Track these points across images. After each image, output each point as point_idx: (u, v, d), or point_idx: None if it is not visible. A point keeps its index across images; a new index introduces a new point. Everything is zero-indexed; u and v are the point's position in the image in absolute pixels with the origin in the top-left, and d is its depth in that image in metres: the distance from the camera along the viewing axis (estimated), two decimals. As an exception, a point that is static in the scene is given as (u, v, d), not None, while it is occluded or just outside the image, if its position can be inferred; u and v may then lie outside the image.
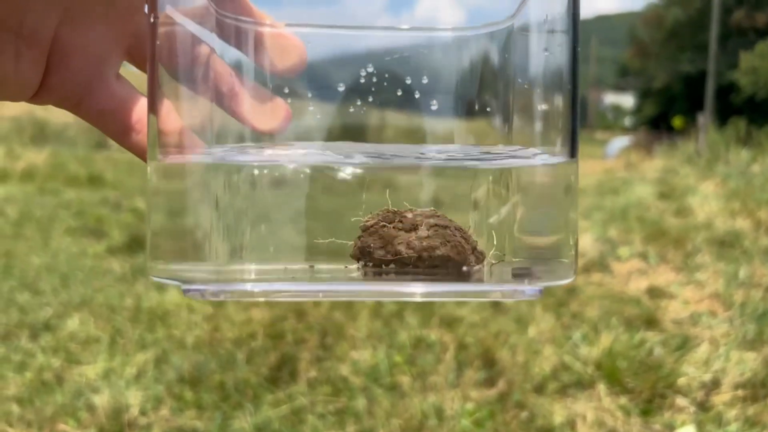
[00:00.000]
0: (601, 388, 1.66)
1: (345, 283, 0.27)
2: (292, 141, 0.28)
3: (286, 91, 0.27)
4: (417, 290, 0.26)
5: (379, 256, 0.27)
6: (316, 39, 0.27)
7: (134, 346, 1.91)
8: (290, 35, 0.27)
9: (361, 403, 1.57)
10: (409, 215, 0.27)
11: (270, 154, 0.27)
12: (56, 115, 6.43)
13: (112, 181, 4.41)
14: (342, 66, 0.28)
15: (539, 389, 1.67)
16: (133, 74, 0.31)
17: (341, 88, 0.27)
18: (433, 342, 1.89)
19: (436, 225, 0.27)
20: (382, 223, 0.27)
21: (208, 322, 2.02)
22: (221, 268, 0.26)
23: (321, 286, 0.27)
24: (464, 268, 0.27)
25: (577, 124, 0.28)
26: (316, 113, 0.27)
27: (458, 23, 0.28)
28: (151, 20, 0.25)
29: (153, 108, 0.26)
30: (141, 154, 0.29)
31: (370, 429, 1.47)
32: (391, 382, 1.67)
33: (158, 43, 0.25)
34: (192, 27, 0.25)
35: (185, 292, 0.25)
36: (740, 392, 1.66)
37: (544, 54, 0.27)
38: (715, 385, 1.71)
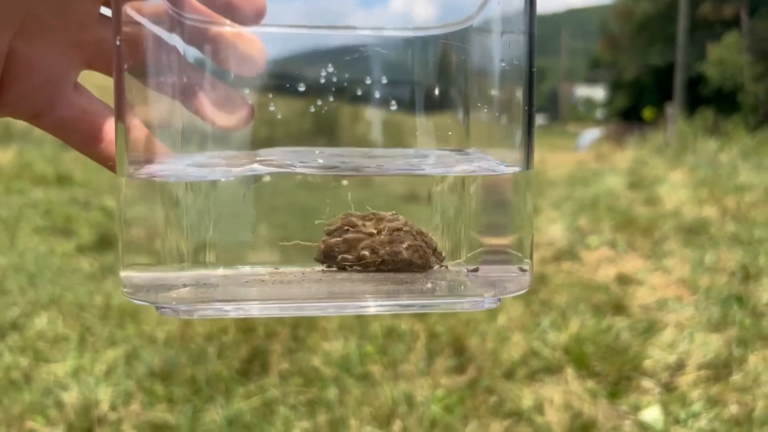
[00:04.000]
0: (569, 372, 1.69)
1: (310, 288, 0.27)
2: (252, 143, 0.28)
3: (247, 91, 0.27)
4: (379, 305, 0.27)
5: (344, 260, 0.27)
6: (275, 38, 0.27)
7: (104, 344, 1.89)
8: (249, 34, 0.27)
9: (332, 392, 1.58)
10: (372, 219, 0.27)
11: (236, 165, 0.27)
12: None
13: (80, 180, 4.36)
14: (302, 65, 0.28)
15: (508, 375, 1.69)
16: (88, 75, 0.31)
17: (301, 87, 0.27)
18: (404, 332, 1.91)
19: (398, 229, 0.27)
20: (345, 227, 0.27)
21: (179, 318, 2.02)
22: (188, 273, 0.26)
23: (289, 304, 0.27)
24: (427, 285, 0.28)
25: (533, 132, 0.28)
26: (277, 113, 0.27)
27: (430, 19, 0.29)
28: (117, 43, 0.25)
29: (120, 117, 0.26)
30: (104, 162, 0.29)
31: (342, 418, 1.48)
32: (362, 372, 1.68)
33: (122, 48, 0.25)
34: (153, 28, 0.25)
35: (158, 310, 0.26)
36: (704, 373, 1.70)
37: (500, 59, 0.27)
38: (679, 366, 1.74)
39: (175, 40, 0.25)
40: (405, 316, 2.03)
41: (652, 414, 1.52)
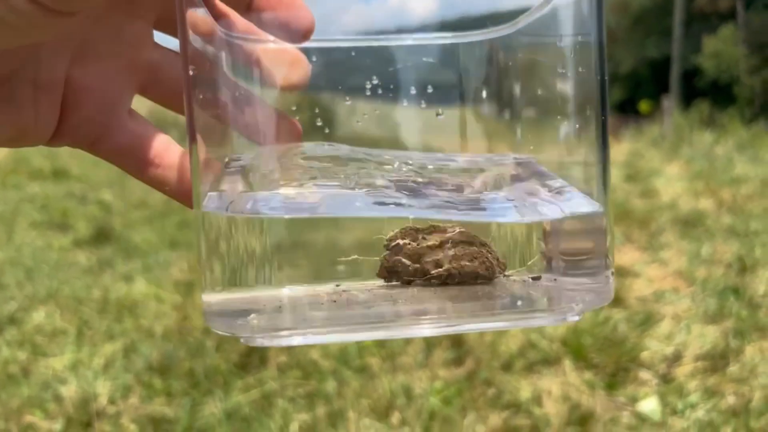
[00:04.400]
0: (567, 364, 1.70)
1: (382, 308, 0.26)
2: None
3: (294, 108, 0.27)
4: (461, 326, 0.26)
5: (408, 275, 0.26)
6: (314, 52, 0.27)
7: (102, 337, 1.89)
8: (292, 49, 0.26)
9: (330, 385, 1.59)
10: (432, 233, 0.27)
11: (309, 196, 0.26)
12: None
13: (77, 174, 4.34)
14: (344, 78, 0.27)
15: (506, 367, 1.69)
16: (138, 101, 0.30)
17: (348, 101, 0.27)
18: (402, 324, 1.91)
19: (461, 241, 0.26)
20: (406, 241, 0.26)
21: (177, 312, 2.02)
22: (260, 294, 0.25)
23: (362, 326, 0.25)
24: (506, 299, 0.27)
25: (608, 162, 0.26)
26: (324, 128, 0.27)
27: (430, 12, 0.28)
28: (190, 73, 0.24)
29: (194, 139, 0.25)
30: (160, 187, 0.29)
31: (340, 410, 1.48)
32: (360, 365, 1.69)
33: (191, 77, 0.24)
34: (208, 50, 0.24)
35: (241, 340, 0.25)
36: (701, 364, 1.71)
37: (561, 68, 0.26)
38: (676, 358, 1.75)
39: (225, 61, 0.25)
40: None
41: (649, 405, 1.53)
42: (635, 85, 21.08)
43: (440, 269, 0.26)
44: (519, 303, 0.26)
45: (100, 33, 0.26)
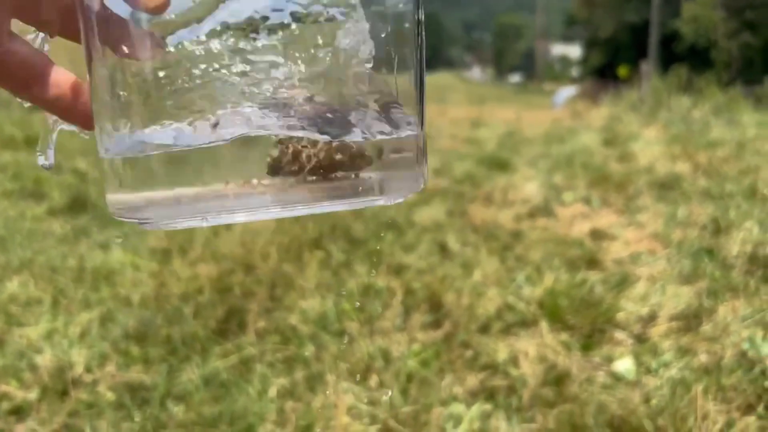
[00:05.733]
0: (543, 325, 1.71)
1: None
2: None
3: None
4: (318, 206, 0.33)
5: (289, 169, 0.32)
6: None
7: (78, 306, 1.88)
8: None
9: (309, 349, 1.59)
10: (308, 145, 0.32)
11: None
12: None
13: (50, 142, 4.26)
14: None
15: (484, 329, 1.71)
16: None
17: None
18: (381, 288, 1.91)
19: (330, 142, 0.32)
20: (289, 144, 0.32)
21: (154, 279, 2.00)
22: (161, 194, 0.31)
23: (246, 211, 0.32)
24: (357, 176, 0.33)
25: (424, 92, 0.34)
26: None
27: None
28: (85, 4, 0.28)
29: (90, 59, 0.29)
30: (49, 105, 0.31)
31: (319, 374, 1.49)
32: (339, 329, 1.69)
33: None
34: None
35: (140, 225, 0.31)
36: (675, 324, 1.74)
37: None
38: (651, 318, 1.78)
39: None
40: (382, 272, 2.04)
41: (624, 365, 1.55)
42: (614, 50, 21.05)
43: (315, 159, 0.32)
44: (360, 189, 0.33)
45: None
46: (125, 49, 0.29)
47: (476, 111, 8.79)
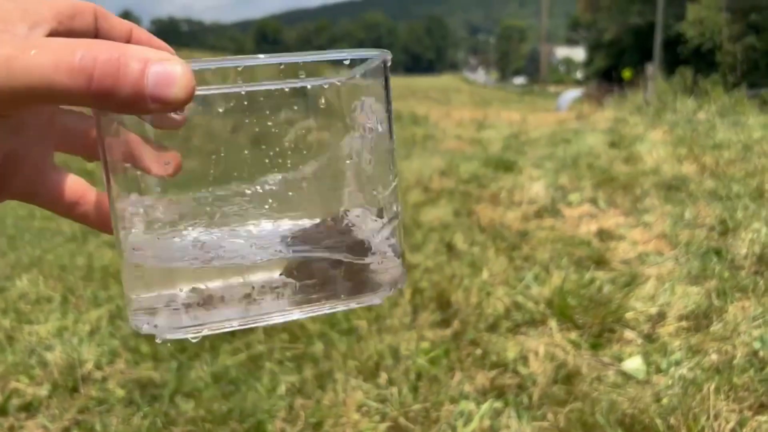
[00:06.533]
0: (553, 324, 1.71)
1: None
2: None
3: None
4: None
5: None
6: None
7: (87, 304, 1.88)
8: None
9: (318, 347, 1.59)
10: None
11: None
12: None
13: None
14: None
15: (492, 328, 1.70)
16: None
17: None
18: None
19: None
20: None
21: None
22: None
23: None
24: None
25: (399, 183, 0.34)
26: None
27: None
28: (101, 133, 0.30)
29: (108, 179, 0.31)
30: (84, 221, 0.35)
31: (328, 371, 1.49)
32: (348, 327, 1.69)
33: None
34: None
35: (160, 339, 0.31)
36: (684, 323, 1.73)
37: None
38: (660, 317, 1.77)
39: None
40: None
41: (634, 363, 1.55)
42: (618, 52, 21.03)
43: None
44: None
45: (31, 110, 0.32)
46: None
47: (481, 113, 8.79)
